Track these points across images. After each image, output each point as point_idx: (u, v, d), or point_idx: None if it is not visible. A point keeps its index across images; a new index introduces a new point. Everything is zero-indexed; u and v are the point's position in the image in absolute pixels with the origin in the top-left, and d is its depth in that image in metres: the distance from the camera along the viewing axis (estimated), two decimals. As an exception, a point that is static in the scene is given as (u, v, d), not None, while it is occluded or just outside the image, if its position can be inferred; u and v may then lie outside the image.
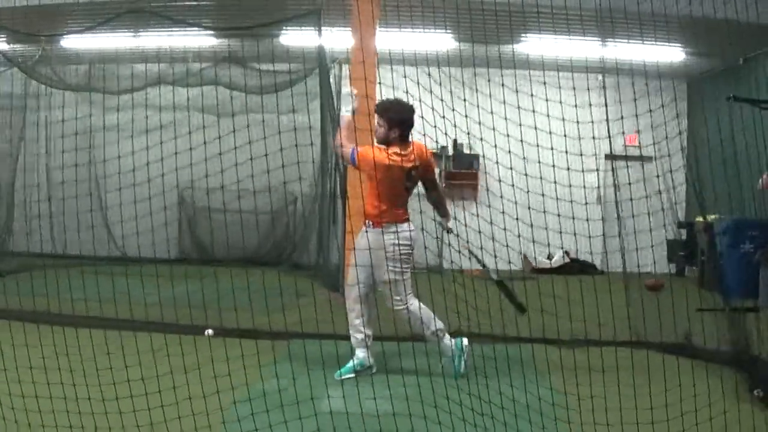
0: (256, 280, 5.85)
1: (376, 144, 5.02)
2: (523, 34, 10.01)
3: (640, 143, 10.15)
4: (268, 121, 6.33)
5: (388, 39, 8.65)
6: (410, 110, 4.99)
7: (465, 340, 5.11)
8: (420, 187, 5.26)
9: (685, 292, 6.38)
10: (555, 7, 7.00)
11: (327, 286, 8.83)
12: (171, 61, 10.36)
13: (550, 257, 11.73)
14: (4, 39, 10.25)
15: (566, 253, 11.61)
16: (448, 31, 9.89)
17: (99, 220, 10.30)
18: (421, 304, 5.06)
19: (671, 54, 10.58)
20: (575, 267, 11.44)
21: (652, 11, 6.43)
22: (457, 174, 12.16)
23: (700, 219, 9.72)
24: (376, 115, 4.99)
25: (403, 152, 4.95)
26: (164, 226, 7.20)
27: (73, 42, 10.42)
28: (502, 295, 5.35)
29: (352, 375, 5.00)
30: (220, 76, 10.04)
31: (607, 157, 11.80)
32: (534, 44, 10.21)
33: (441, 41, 10.01)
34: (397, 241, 4.90)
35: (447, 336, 5.09)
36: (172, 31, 9.50)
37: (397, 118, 4.96)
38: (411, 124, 5.02)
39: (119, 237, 10.42)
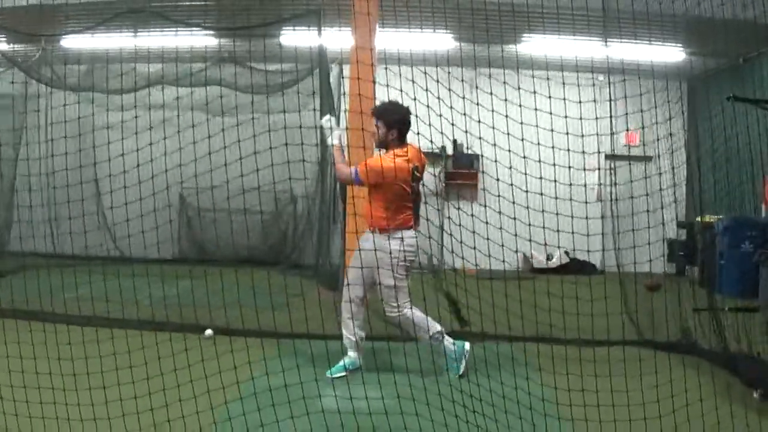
0: (255, 281, 5.81)
1: (375, 151, 5.00)
2: (525, 34, 10.01)
3: (643, 140, 10.13)
4: (268, 120, 6.32)
5: (388, 39, 8.63)
6: (407, 111, 4.99)
7: (467, 345, 5.12)
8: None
9: (680, 291, 6.34)
10: (551, 7, 6.98)
11: (326, 285, 8.81)
12: (171, 60, 10.36)
13: (549, 257, 11.71)
14: (4, 39, 10.27)
15: (566, 253, 11.59)
16: (448, 30, 9.89)
17: (97, 219, 10.30)
18: (415, 310, 5.02)
19: (671, 54, 10.55)
20: (574, 267, 11.41)
21: (658, 10, 6.41)
22: (457, 174, 12.15)
23: (700, 219, 9.69)
24: (373, 119, 4.99)
25: (403, 153, 4.94)
26: (162, 225, 7.19)
27: (73, 42, 10.45)
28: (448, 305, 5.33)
29: (344, 374, 5.00)
30: (220, 76, 10.03)
31: (607, 157, 11.81)
32: (533, 44, 10.20)
33: (441, 41, 10.01)
34: (402, 248, 4.89)
35: (447, 338, 5.09)
36: (171, 30, 9.52)
37: (395, 120, 4.95)
38: (408, 125, 5.01)
39: (117, 237, 10.44)
